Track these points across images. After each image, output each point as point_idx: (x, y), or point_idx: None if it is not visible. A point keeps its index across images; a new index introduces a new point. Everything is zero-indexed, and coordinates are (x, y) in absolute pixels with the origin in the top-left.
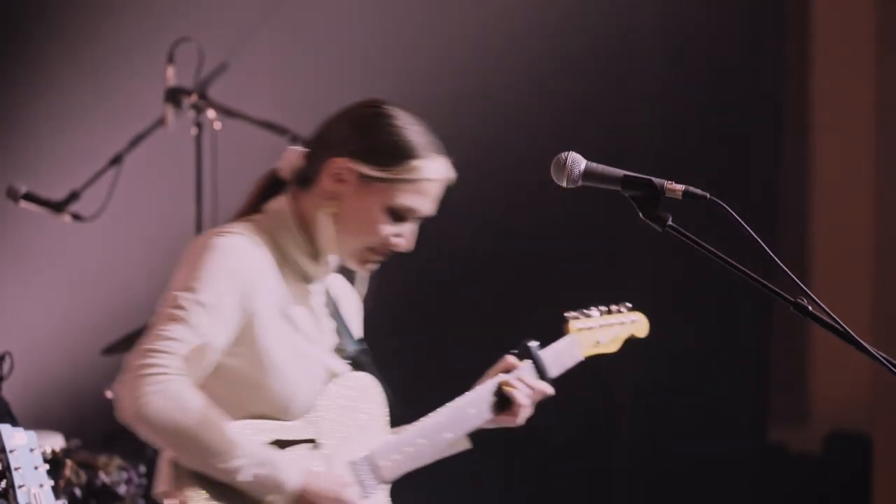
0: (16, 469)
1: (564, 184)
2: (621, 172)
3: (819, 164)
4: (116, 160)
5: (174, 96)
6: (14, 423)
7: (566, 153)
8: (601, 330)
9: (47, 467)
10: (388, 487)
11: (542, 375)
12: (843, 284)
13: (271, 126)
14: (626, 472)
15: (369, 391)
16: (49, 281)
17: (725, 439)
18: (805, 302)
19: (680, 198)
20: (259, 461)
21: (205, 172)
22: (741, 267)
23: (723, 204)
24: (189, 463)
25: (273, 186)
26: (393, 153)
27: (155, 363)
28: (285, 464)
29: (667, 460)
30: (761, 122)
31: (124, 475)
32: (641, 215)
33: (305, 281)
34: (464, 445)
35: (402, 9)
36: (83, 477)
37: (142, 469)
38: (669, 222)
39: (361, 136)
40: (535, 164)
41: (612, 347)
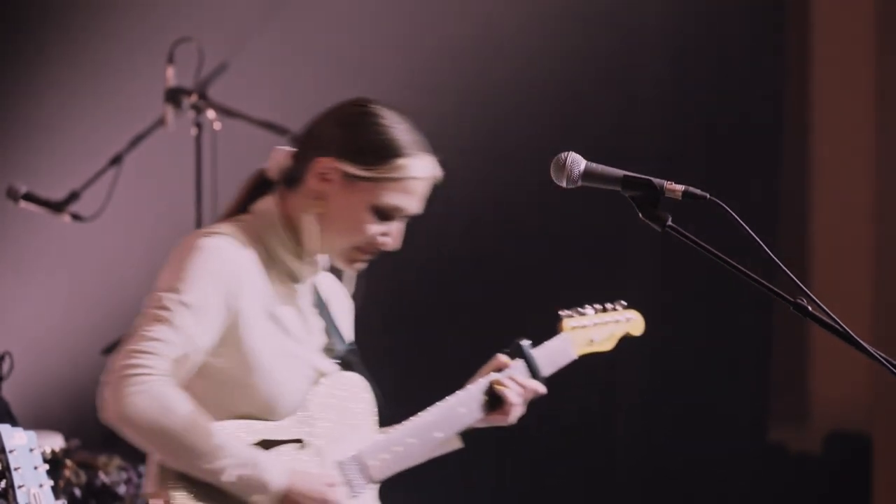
0: (15, 469)
1: (564, 184)
2: (621, 172)
3: (819, 164)
4: (116, 160)
5: (174, 96)
6: (14, 423)
7: (566, 153)
8: (595, 328)
9: (47, 467)
10: (377, 487)
11: (535, 374)
12: (843, 284)
13: (271, 126)
14: (626, 472)
15: (358, 391)
16: (49, 281)
17: (725, 439)
18: (805, 302)
19: (679, 198)
20: (243, 462)
21: (205, 172)
22: (741, 267)
23: (722, 204)
24: (173, 464)
25: (260, 186)
26: (378, 152)
27: (139, 364)
28: (269, 464)
29: (666, 460)
30: (761, 122)
31: (124, 475)
32: (641, 215)
33: (293, 281)
34: (455, 445)
35: (402, 8)
36: (83, 477)
37: (142, 469)
38: (669, 222)
39: (347, 136)
40: (535, 164)
41: (607, 346)
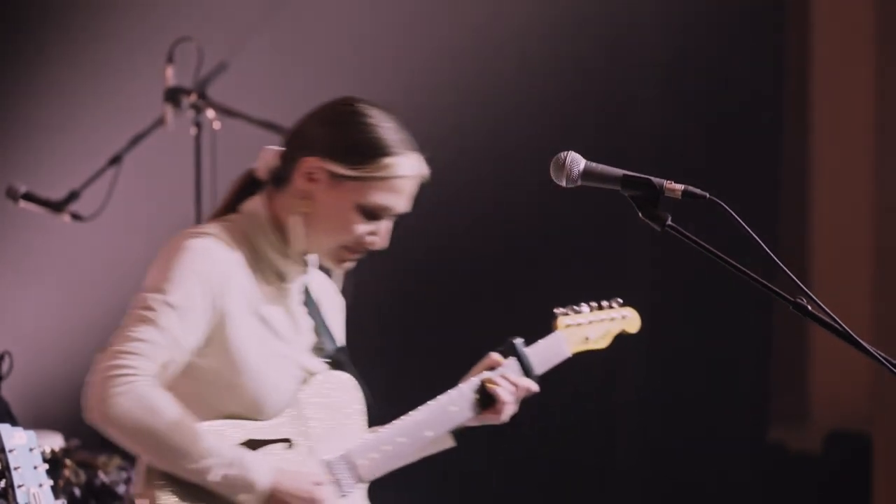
0: (15, 469)
1: (564, 183)
2: (621, 172)
3: (819, 164)
4: (116, 160)
5: (174, 96)
6: (14, 423)
7: (565, 153)
8: (590, 326)
9: (47, 467)
10: (366, 487)
11: (528, 372)
12: (843, 284)
13: (271, 126)
14: (625, 472)
15: (347, 390)
16: (49, 281)
17: (725, 439)
18: (805, 302)
19: (679, 197)
20: (228, 461)
21: (204, 172)
22: (741, 267)
23: (722, 204)
24: (158, 464)
25: (249, 186)
26: (364, 151)
27: (123, 364)
28: (255, 464)
29: (666, 460)
30: (761, 122)
31: (124, 475)
32: (641, 215)
33: (281, 280)
34: (447, 444)
35: (402, 8)
36: (82, 476)
37: None
38: (669, 222)
39: (333, 135)
40: (533, 164)
41: (602, 343)
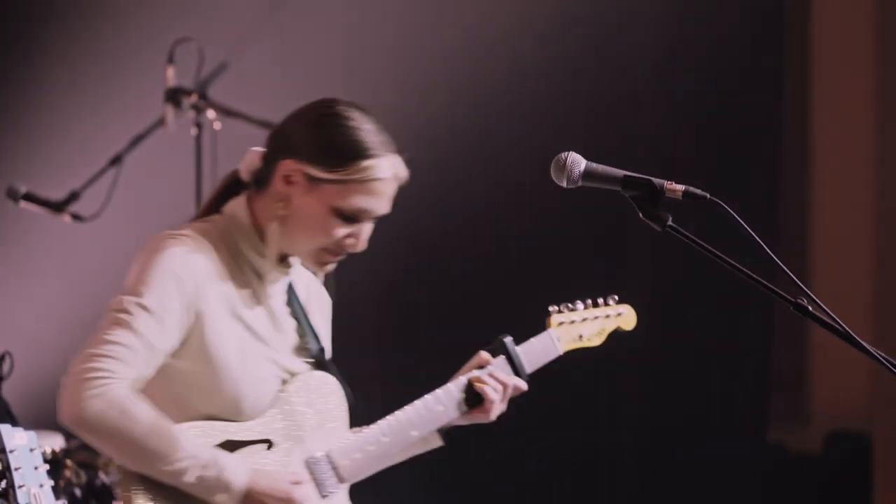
0: (16, 469)
1: (564, 184)
2: (621, 172)
3: (819, 164)
4: (116, 160)
5: (174, 96)
6: (14, 423)
7: (566, 153)
8: (584, 324)
9: (47, 467)
10: (349, 488)
11: (517, 371)
12: (843, 284)
13: (271, 126)
14: (625, 472)
15: (329, 390)
16: (49, 281)
17: (725, 439)
18: (805, 302)
19: (680, 198)
20: (204, 463)
21: (205, 172)
22: (741, 267)
23: (723, 204)
24: (133, 466)
25: (233, 187)
26: (341, 154)
27: (97, 367)
28: (231, 464)
29: (666, 460)
30: (761, 123)
31: None
32: (641, 215)
33: (262, 281)
34: (435, 443)
35: (401, 9)
36: (83, 477)
37: None
38: (669, 222)
39: (311, 137)
40: (531, 164)
41: (597, 341)
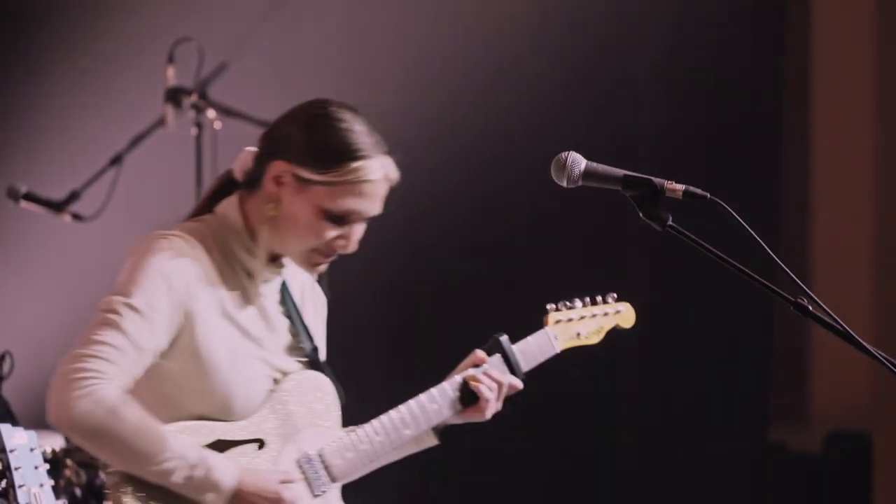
0: (16, 469)
1: (565, 184)
2: (621, 172)
3: (819, 164)
4: (116, 160)
5: (174, 96)
6: (14, 423)
7: (566, 153)
8: (581, 322)
9: (47, 467)
10: (340, 487)
11: (513, 370)
12: (843, 284)
13: None
14: (625, 472)
15: (322, 390)
16: (49, 281)
17: (725, 439)
18: (805, 302)
19: (680, 197)
20: (192, 463)
21: (205, 172)
22: (741, 267)
23: (723, 204)
24: (121, 466)
25: (226, 186)
26: (332, 155)
27: (85, 367)
28: (220, 464)
29: (666, 460)
30: (761, 123)
31: None
32: (641, 215)
33: (253, 281)
34: (430, 442)
35: (402, 9)
36: (83, 476)
37: None
38: (669, 222)
39: (301, 139)
40: (529, 162)
41: (595, 339)
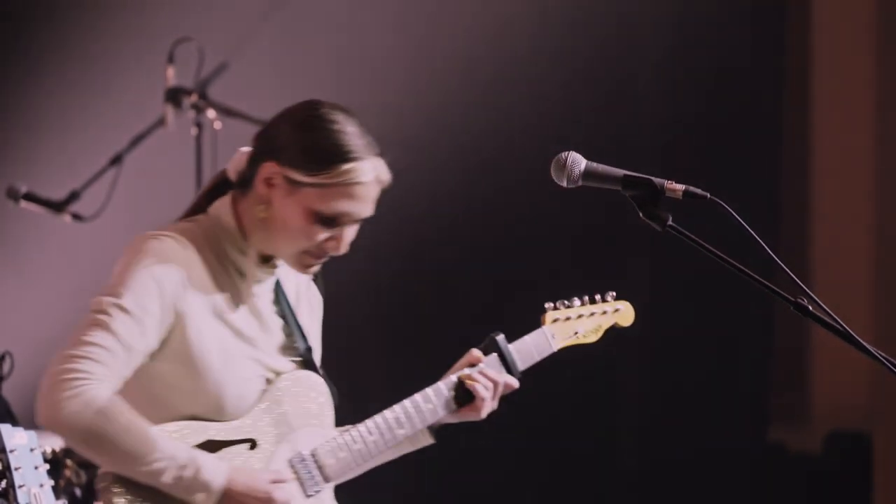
0: (16, 469)
1: (565, 184)
2: (621, 172)
3: (819, 165)
4: (116, 160)
5: (174, 96)
6: (14, 423)
7: (566, 153)
8: (579, 320)
9: (47, 467)
10: (334, 487)
11: (509, 369)
12: (843, 284)
13: None
14: (626, 472)
15: (315, 389)
16: (49, 281)
17: (725, 439)
18: (805, 302)
19: (680, 197)
20: (182, 463)
21: (205, 172)
22: (741, 267)
23: (723, 204)
24: (111, 467)
25: (220, 186)
26: (322, 157)
27: (74, 368)
28: (209, 464)
29: (666, 460)
30: (761, 123)
31: None
32: (641, 215)
33: (246, 281)
34: (425, 441)
35: (402, 8)
36: (83, 477)
37: None
38: (669, 222)
39: (292, 140)
40: (534, 164)
41: (593, 338)
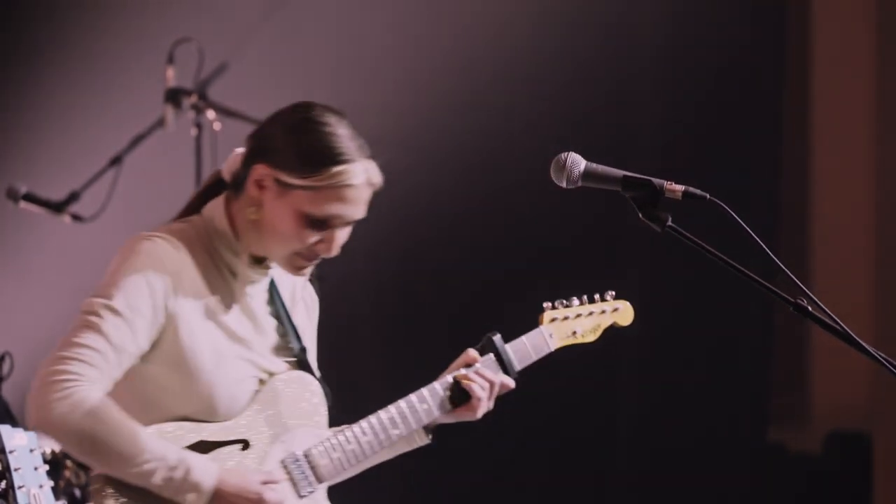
0: (16, 470)
1: (564, 184)
2: (621, 173)
3: (819, 164)
4: (116, 160)
5: (174, 97)
6: (14, 424)
7: (566, 154)
8: (578, 320)
9: (47, 468)
10: (327, 488)
11: (506, 369)
12: (843, 284)
13: None
14: (626, 472)
15: (309, 390)
16: (49, 281)
17: (725, 439)
18: (805, 302)
19: (680, 198)
20: (171, 464)
21: (205, 173)
22: (741, 267)
23: (722, 204)
24: (102, 468)
25: (215, 187)
26: (313, 160)
27: (64, 370)
28: (200, 465)
29: (666, 460)
30: (761, 123)
31: None
32: (641, 215)
33: (240, 282)
34: (421, 441)
35: (402, 8)
36: (83, 477)
37: None
38: (669, 222)
39: (283, 143)
40: (533, 164)
41: (591, 337)
